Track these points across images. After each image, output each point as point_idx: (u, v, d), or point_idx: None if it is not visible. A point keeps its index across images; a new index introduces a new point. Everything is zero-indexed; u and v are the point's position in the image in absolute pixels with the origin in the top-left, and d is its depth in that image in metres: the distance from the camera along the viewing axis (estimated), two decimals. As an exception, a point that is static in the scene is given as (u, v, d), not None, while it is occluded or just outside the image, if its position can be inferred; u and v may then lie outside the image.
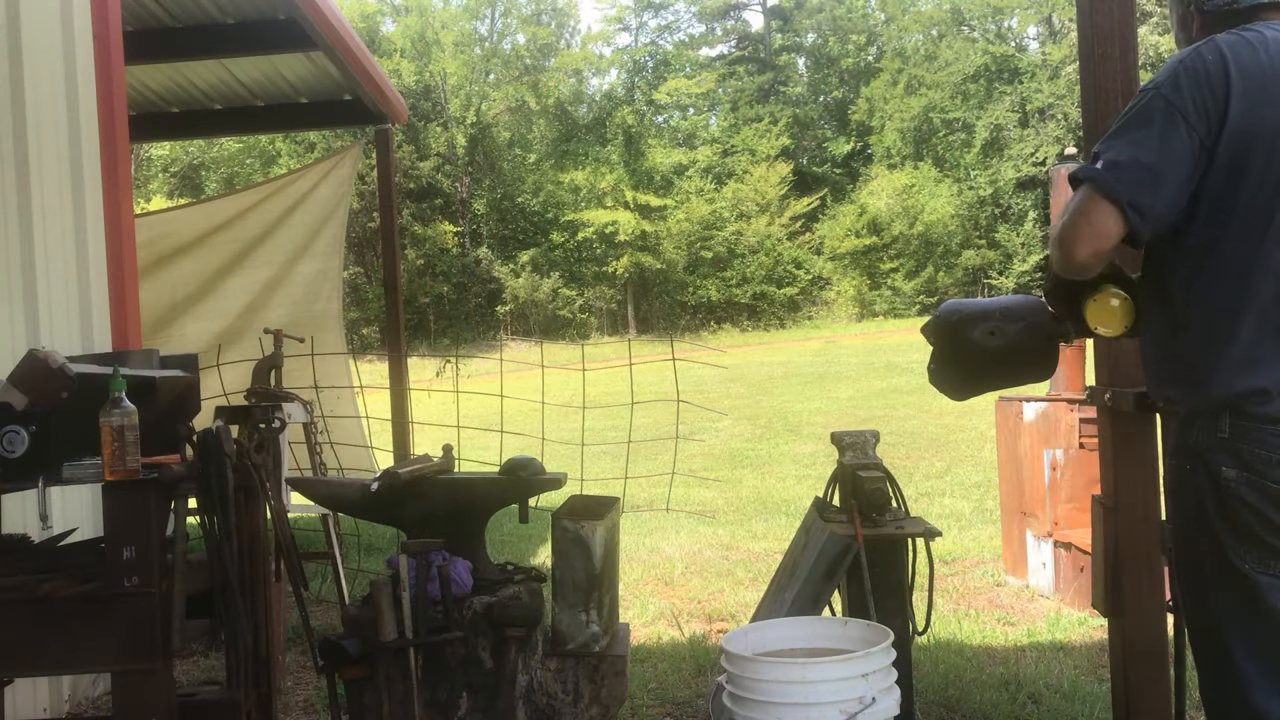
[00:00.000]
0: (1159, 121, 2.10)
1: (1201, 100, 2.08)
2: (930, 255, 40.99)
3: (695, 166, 44.70)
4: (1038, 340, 2.59)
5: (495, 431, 5.92)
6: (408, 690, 2.98)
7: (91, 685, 4.55)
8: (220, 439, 2.79)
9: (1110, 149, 2.12)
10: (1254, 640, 2.12)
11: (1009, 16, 44.89)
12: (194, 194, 37.24)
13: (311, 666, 4.64)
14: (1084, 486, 5.37)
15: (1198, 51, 2.14)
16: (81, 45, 4.66)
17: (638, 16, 49.37)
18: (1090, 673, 4.33)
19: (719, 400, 16.08)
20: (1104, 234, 2.09)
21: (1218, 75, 2.09)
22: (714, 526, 8.18)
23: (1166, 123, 2.09)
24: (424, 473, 3.26)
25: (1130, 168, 2.08)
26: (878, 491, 3.52)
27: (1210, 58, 2.11)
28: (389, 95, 7.70)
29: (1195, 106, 2.08)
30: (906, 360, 21.51)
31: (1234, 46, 2.11)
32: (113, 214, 3.85)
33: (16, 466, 2.70)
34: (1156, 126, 2.10)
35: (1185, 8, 2.33)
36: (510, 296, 40.38)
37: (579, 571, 3.15)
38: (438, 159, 42.29)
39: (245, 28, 6.65)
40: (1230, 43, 2.12)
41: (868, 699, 2.75)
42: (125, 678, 2.64)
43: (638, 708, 4.15)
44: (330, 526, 5.23)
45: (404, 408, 7.47)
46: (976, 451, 11.12)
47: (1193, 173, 2.09)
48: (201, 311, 7.62)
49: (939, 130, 43.76)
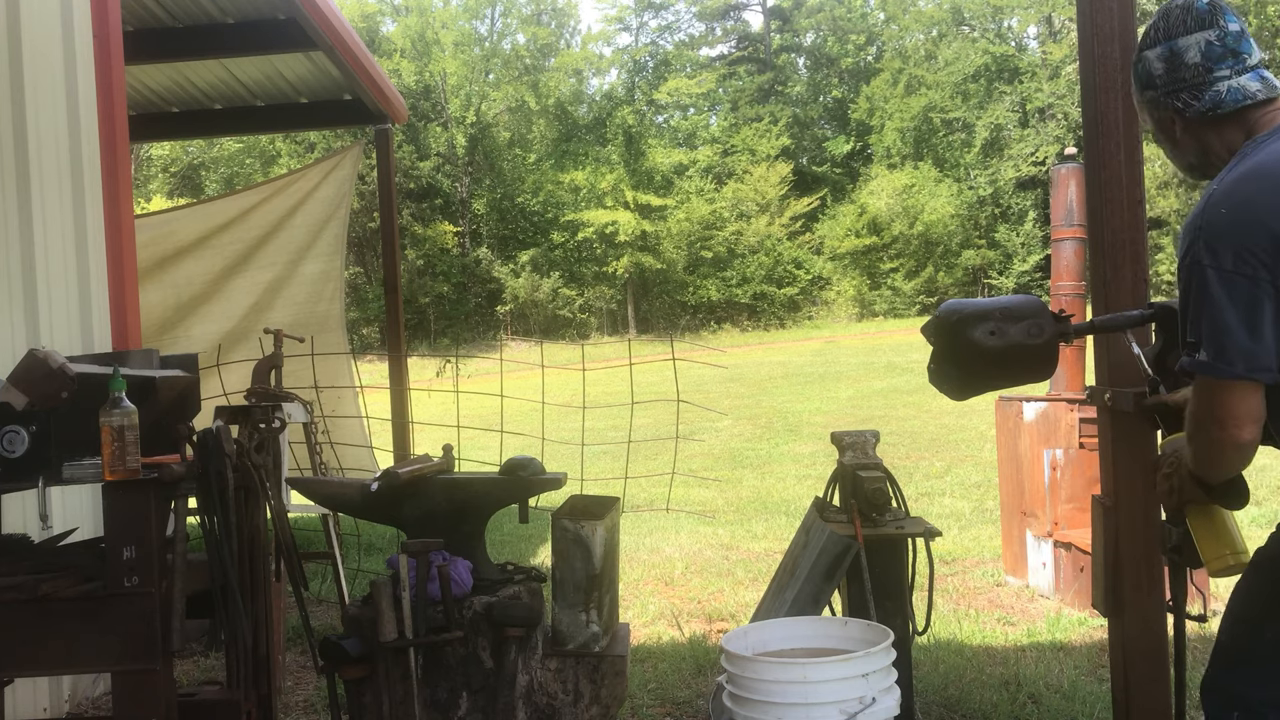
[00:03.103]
0: (1216, 288, 2.02)
1: (1243, 248, 2.01)
2: (930, 255, 40.99)
3: (695, 166, 44.71)
4: (1038, 340, 2.59)
5: (495, 431, 5.92)
6: (408, 690, 2.98)
7: (91, 685, 4.55)
8: (220, 439, 2.79)
9: (1201, 337, 2.05)
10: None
11: (1009, 16, 44.90)
12: (194, 194, 37.28)
13: (311, 666, 4.64)
14: (1084, 486, 5.37)
15: (1213, 209, 2.07)
16: (81, 45, 4.66)
17: (638, 16, 49.39)
18: (1090, 673, 4.33)
19: (719, 400, 16.09)
20: (1248, 412, 2.04)
21: (1247, 220, 2.01)
22: (714, 526, 8.18)
23: (1225, 285, 2.01)
24: (424, 473, 3.26)
25: (1227, 340, 2.01)
26: (878, 491, 3.52)
27: (1226, 209, 2.04)
28: (389, 95, 7.70)
29: (1240, 258, 2.01)
30: (906, 360, 21.51)
31: (1244, 184, 2.05)
32: (113, 214, 3.85)
33: (16, 466, 2.71)
34: (1218, 293, 2.02)
35: (1164, 112, 2.26)
36: (510, 296, 40.39)
37: (579, 571, 3.15)
38: (438, 159, 42.30)
39: (245, 28, 6.65)
40: (1237, 184, 2.06)
41: (868, 699, 2.75)
42: (125, 678, 2.64)
43: (638, 708, 4.15)
44: (330, 526, 5.23)
45: (404, 408, 7.46)
46: (976, 451, 11.12)
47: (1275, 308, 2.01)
48: (207, 313, 7.62)
49: (939, 130, 43.75)
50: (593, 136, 45.51)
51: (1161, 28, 2.25)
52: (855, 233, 41.82)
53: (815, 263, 42.52)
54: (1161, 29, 2.25)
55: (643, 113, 46.24)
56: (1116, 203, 2.91)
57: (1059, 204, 5.85)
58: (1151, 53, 2.26)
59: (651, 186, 43.04)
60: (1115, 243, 2.92)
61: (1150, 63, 2.26)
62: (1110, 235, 2.93)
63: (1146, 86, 2.28)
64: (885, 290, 41.05)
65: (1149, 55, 2.27)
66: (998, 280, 39.36)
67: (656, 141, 45.68)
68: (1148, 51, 2.27)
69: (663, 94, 46.31)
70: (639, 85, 47.50)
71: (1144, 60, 2.28)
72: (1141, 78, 2.29)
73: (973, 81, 42.90)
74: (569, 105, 46.60)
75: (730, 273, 42.00)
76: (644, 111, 46.37)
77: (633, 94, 47.07)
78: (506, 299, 40.49)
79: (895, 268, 41.17)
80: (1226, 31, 2.18)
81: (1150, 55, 2.26)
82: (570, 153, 44.67)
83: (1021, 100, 41.57)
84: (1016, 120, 41.70)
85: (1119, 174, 2.93)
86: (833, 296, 42.12)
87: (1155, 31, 2.26)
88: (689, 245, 42.01)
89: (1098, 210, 2.96)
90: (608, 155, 43.93)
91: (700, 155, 45.01)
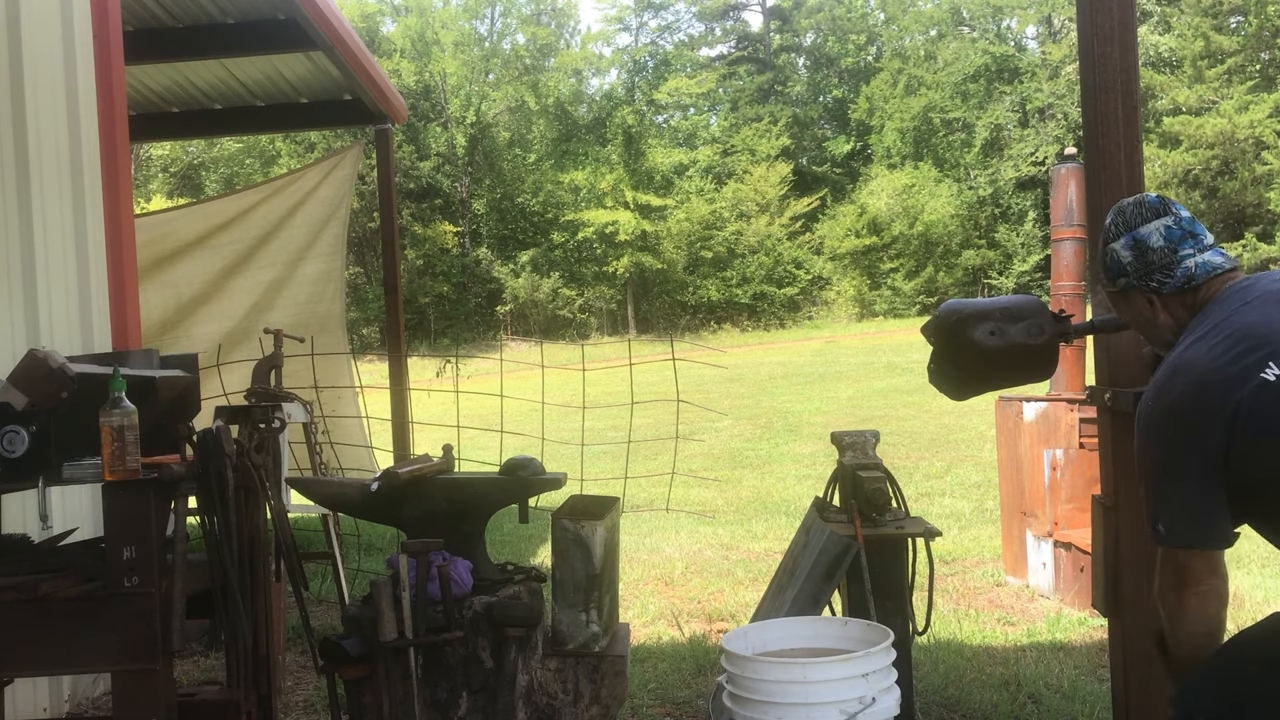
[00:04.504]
0: (1157, 474, 2.21)
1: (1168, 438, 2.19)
2: (930, 255, 40.98)
3: (695, 166, 44.70)
4: (1038, 340, 2.59)
5: (495, 431, 5.92)
6: (408, 690, 2.98)
7: (91, 685, 4.55)
8: (220, 439, 2.79)
9: (1157, 515, 2.20)
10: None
11: (1009, 16, 44.89)
12: (194, 194, 37.26)
13: (311, 666, 4.64)
14: (1084, 486, 5.37)
15: (1144, 403, 2.24)
16: (81, 45, 4.66)
17: (638, 16, 49.38)
18: (1090, 673, 4.33)
19: (719, 400, 16.08)
20: (1205, 573, 2.17)
21: (1193, 410, 2.14)
22: (714, 526, 8.18)
23: (1163, 471, 2.19)
24: (424, 473, 3.26)
25: (1178, 516, 2.16)
26: (878, 491, 3.52)
27: (1174, 398, 2.17)
28: (389, 95, 7.70)
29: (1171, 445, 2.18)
30: (906, 360, 21.51)
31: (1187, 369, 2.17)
32: (113, 214, 3.84)
33: (16, 466, 2.71)
34: (1159, 478, 2.20)
35: (1140, 296, 2.35)
36: (510, 296, 40.38)
37: (579, 571, 3.15)
38: (438, 159, 42.30)
39: (245, 28, 6.65)
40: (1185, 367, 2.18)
41: (868, 699, 2.75)
42: (125, 678, 2.64)
43: (638, 708, 4.15)
44: (330, 526, 5.23)
45: (404, 408, 7.46)
46: (976, 451, 11.12)
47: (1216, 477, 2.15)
48: (208, 313, 7.62)
49: (939, 130, 43.74)
50: (593, 136, 45.49)
51: (1120, 222, 2.38)
52: (855, 233, 41.81)
53: (815, 263, 42.51)
54: (1120, 223, 2.37)
55: (643, 113, 46.22)
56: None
57: (1059, 204, 5.85)
58: (1117, 244, 2.37)
59: (651, 186, 43.03)
60: (1115, 243, 2.92)
61: (1118, 253, 2.37)
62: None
63: (1119, 275, 2.38)
64: (885, 290, 41.04)
65: (1115, 247, 2.38)
66: (998, 280, 39.35)
67: (656, 141, 45.66)
68: (1113, 244, 2.38)
69: (663, 94, 46.28)
70: (639, 85, 47.48)
71: (1111, 253, 2.39)
72: (1113, 269, 2.39)
73: (972, 82, 42.89)
74: (569, 105, 46.58)
75: (730, 273, 41.99)
76: (644, 111, 46.34)
77: (633, 94, 47.05)
78: (506, 299, 40.48)
79: (895, 268, 41.16)
80: (1180, 217, 2.32)
81: (1116, 247, 2.37)
82: (570, 153, 44.66)
83: (1021, 100, 41.56)
84: (1016, 120, 41.70)
85: (1119, 174, 2.93)
86: (833, 296, 42.11)
87: (1115, 227, 2.38)
88: (689, 245, 42.01)
89: (1098, 210, 2.95)
90: (608, 155, 43.91)
91: (700, 155, 45.00)
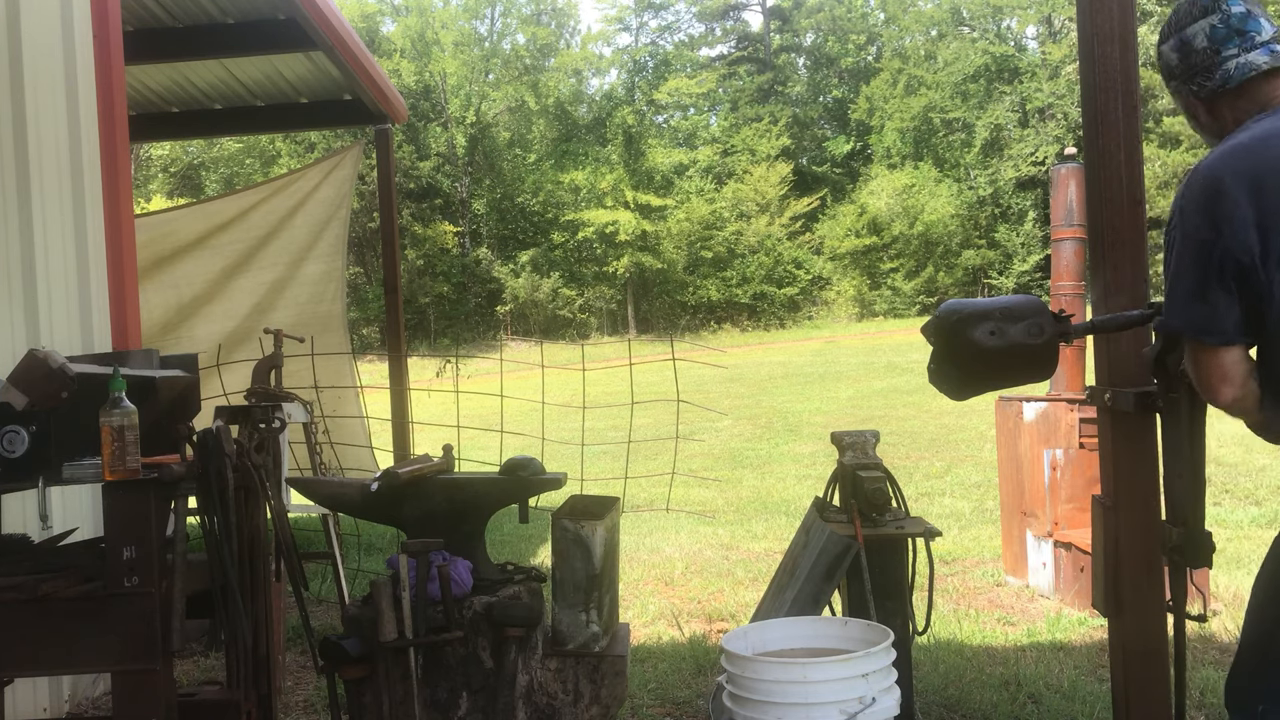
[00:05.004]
0: (1181, 249, 2.22)
1: (1218, 219, 2.17)
2: (930, 255, 40.99)
3: (695, 166, 44.72)
4: (1037, 340, 2.59)
5: (495, 431, 5.92)
6: (408, 690, 2.98)
7: (91, 685, 4.55)
8: (220, 439, 2.79)
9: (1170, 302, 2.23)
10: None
11: (1009, 16, 44.89)
12: (194, 194, 37.27)
13: (311, 666, 4.65)
14: (1084, 486, 5.37)
15: (1192, 176, 2.25)
16: (81, 45, 4.66)
17: (638, 16, 49.40)
18: (1090, 673, 4.33)
19: (719, 400, 16.09)
20: (1221, 374, 2.18)
21: (1215, 189, 2.17)
22: (714, 526, 8.18)
23: (1189, 246, 2.20)
24: (424, 473, 3.26)
25: (1192, 304, 2.18)
26: (878, 491, 3.52)
27: (1201, 178, 2.21)
28: (389, 95, 7.70)
29: (1213, 227, 2.17)
30: (906, 360, 21.51)
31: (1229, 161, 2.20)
32: (113, 214, 3.84)
33: (16, 466, 2.71)
34: (1182, 254, 2.21)
35: (1187, 98, 2.41)
36: (510, 296, 40.39)
37: (579, 571, 3.14)
38: (438, 159, 42.31)
39: (245, 28, 6.64)
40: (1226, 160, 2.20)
41: (868, 699, 2.75)
42: (125, 678, 2.64)
43: (638, 708, 4.15)
44: (330, 526, 5.23)
45: (404, 408, 7.46)
46: (976, 451, 11.12)
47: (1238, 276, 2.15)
48: (209, 313, 7.62)
49: (939, 130, 43.76)
50: (593, 136, 45.50)
51: (1171, 22, 2.44)
52: (855, 233, 41.82)
53: (815, 263, 42.53)
54: (1171, 23, 2.44)
55: (643, 113, 46.23)
56: (1116, 203, 2.91)
57: (1059, 204, 5.84)
58: (1165, 46, 2.44)
59: (651, 186, 43.04)
60: (1115, 243, 2.92)
61: (1166, 56, 2.45)
62: (1110, 235, 2.92)
63: (1169, 78, 2.46)
64: (885, 290, 41.06)
65: (1164, 49, 2.45)
66: (998, 280, 39.36)
67: (656, 141, 45.68)
68: (1163, 46, 2.45)
69: (663, 94, 46.30)
70: (639, 85, 47.49)
71: (1161, 55, 2.46)
72: (1164, 72, 2.47)
73: (972, 82, 42.89)
74: (569, 105, 46.59)
75: (730, 273, 42.00)
76: (644, 111, 46.36)
77: (633, 94, 47.06)
78: (506, 299, 40.49)
79: (895, 268, 41.18)
80: (1230, 14, 2.34)
81: (1165, 49, 2.45)
82: (570, 153, 44.67)
83: (1021, 100, 41.57)
84: (1016, 120, 41.70)
85: (1119, 174, 2.92)
86: (833, 296, 42.12)
87: (1166, 27, 2.45)
88: (689, 245, 42.02)
89: (1098, 210, 2.95)
90: (608, 155, 43.92)
91: (700, 155, 45.01)
